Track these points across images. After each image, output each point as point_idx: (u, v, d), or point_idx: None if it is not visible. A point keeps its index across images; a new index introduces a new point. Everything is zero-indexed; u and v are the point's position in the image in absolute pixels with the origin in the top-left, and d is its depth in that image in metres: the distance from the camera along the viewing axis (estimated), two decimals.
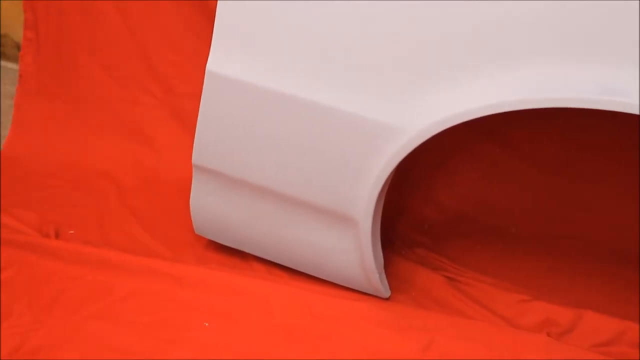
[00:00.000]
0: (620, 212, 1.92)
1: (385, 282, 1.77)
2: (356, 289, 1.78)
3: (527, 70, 1.43)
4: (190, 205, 1.81)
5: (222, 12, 1.58)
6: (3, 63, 2.55)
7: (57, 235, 1.92)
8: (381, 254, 1.75)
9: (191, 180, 1.77)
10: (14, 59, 2.47)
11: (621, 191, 1.92)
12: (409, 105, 1.51)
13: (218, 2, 1.58)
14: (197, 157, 1.72)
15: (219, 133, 1.67)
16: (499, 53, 1.44)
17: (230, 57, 1.59)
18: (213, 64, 1.61)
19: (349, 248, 1.69)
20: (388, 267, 1.81)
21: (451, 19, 1.45)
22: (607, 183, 1.92)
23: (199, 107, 1.65)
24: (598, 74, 1.40)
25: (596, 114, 1.40)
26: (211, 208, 1.79)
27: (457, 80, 1.48)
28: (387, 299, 1.79)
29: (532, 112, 1.44)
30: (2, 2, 2.38)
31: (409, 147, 1.53)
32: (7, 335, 1.64)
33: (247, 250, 1.86)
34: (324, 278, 1.80)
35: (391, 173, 1.59)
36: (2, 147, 2.22)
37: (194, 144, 1.70)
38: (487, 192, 1.98)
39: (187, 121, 2.10)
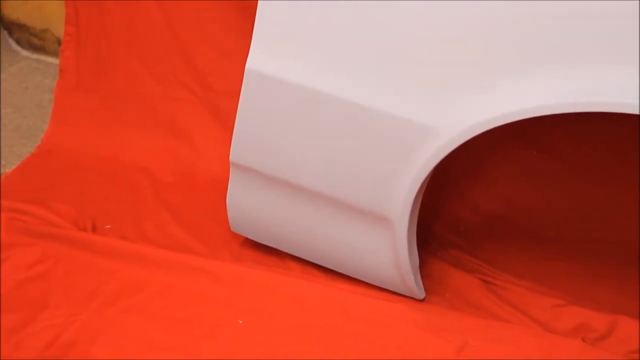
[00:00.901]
0: None
1: (420, 283, 1.77)
2: (391, 289, 1.78)
3: (569, 73, 1.42)
4: (227, 203, 1.81)
5: (263, 11, 1.58)
6: (44, 57, 2.57)
7: (93, 229, 1.94)
8: (417, 254, 1.74)
9: (228, 177, 1.78)
10: (55, 54, 2.50)
11: None
12: (448, 107, 1.50)
13: (259, 1, 1.58)
14: (234, 155, 1.72)
15: (257, 131, 1.68)
16: (539, 56, 1.44)
17: (270, 56, 1.59)
18: (253, 61, 1.61)
19: (385, 248, 1.69)
20: (423, 268, 1.81)
21: (492, 20, 1.44)
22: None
23: (237, 104, 1.65)
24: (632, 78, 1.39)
25: (635, 117, 1.40)
26: (247, 206, 1.80)
27: (495, 83, 1.47)
28: (421, 300, 1.79)
29: (568, 115, 1.43)
30: None
31: (447, 149, 1.53)
32: (43, 328, 1.66)
33: (282, 249, 1.86)
34: (359, 278, 1.80)
35: (429, 174, 1.58)
36: (41, 141, 2.24)
37: (232, 142, 1.71)
38: (523, 195, 1.97)
39: (225, 119, 2.11)
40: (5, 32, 2.63)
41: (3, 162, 2.19)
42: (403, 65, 1.52)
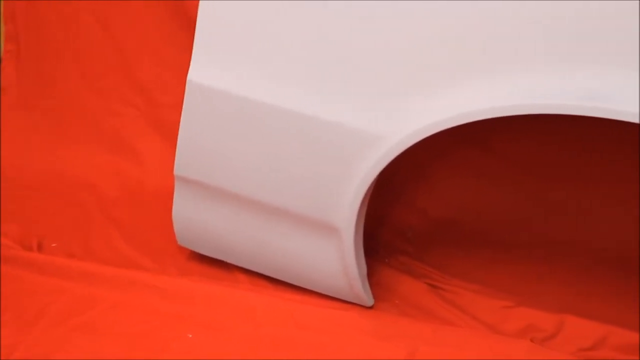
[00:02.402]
0: (603, 216, 1.93)
1: (369, 290, 1.78)
2: (340, 298, 1.78)
3: (509, 76, 1.44)
4: (173, 217, 1.81)
5: (202, 23, 1.58)
6: None
7: (40, 248, 1.92)
8: (364, 262, 1.75)
9: (174, 191, 1.77)
10: None
11: (605, 195, 1.92)
12: (389, 113, 1.51)
13: (199, 12, 1.58)
14: (179, 168, 1.72)
15: (201, 143, 1.67)
16: (478, 61, 1.45)
17: (211, 67, 1.59)
18: (194, 73, 1.61)
19: (332, 257, 1.69)
20: (371, 275, 1.81)
21: (432, 24, 1.46)
22: (590, 188, 1.93)
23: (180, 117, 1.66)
24: (583, 80, 1.41)
25: (582, 117, 1.41)
26: (194, 219, 1.79)
27: (436, 87, 1.48)
28: (370, 308, 1.79)
29: (513, 116, 1.44)
30: None
31: (390, 155, 1.54)
32: None
33: (230, 261, 1.85)
34: (307, 287, 1.79)
35: (373, 181, 1.59)
36: None
37: (176, 155, 1.70)
38: (469, 199, 1.99)
39: (169, 132, 2.10)
40: None
41: None
42: (344, 74, 1.53)
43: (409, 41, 1.48)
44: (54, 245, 1.94)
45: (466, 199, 1.99)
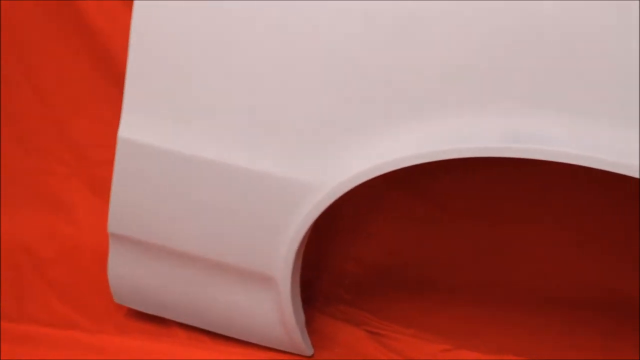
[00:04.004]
0: (538, 256, 1.96)
1: (308, 340, 1.77)
2: (279, 348, 1.77)
3: (436, 121, 1.46)
4: (108, 274, 1.79)
5: (132, 80, 1.59)
6: None
7: None
8: (302, 312, 1.75)
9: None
10: None
11: (539, 236, 1.95)
12: (320, 162, 1.53)
13: (127, 68, 1.58)
14: (112, 225, 1.71)
15: (134, 200, 1.67)
16: (407, 107, 1.48)
17: (140, 123, 1.60)
18: (124, 130, 1.62)
19: (269, 307, 1.69)
20: (310, 324, 1.81)
21: (358, 73, 1.48)
22: (525, 229, 1.96)
23: None
24: (507, 122, 1.43)
25: (509, 159, 1.43)
26: (129, 275, 1.78)
27: (366, 135, 1.50)
28: (310, 357, 1.78)
29: (449, 161, 1.46)
30: None
31: (324, 204, 1.55)
32: None
33: (168, 317, 1.83)
34: (246, 340, 1.78)
35: (308, 230, 1.60)
36: None
37: (109, 212, 1.70)
38: (404, 244, 2.00)
39: (102, 189, 2.08)
40: None
41: None
42: (271, 123, 1.54)
43: (337, 89, 1.50)
44: None
45: (401, 244, 2.00)
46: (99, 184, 2.11)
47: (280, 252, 1.61)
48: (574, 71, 1.39)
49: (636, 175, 1.38)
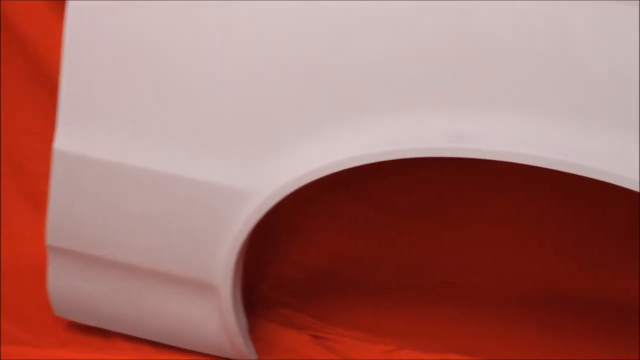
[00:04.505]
0: (481, 256, 1.98)
1: (251, 346, 1.77)
2: (223, 355, 1.76)
3: (376, 122, 1.47)
4: (48, 287, 1.77)
5: (65, 89, 1.58)
6: None
7: None
8: (244, 318, 1.75)
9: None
10: None
11: (482, 236, 1.97)
12: (258, 168, 1.53)
13: (61, 79, 1.57)
14: (50, 238, 1.70)
15: (72, 211, 1.66)
16: (343, 109, 1.48)
17: (76, 134, 1.59)
18: (60, 142, 1.60)
19: (212, 315, 1.68)
20: (253, 330, 1.81)
21: (295, 74, 1.49)
22: (467, 230, 1.98)
23: None
24: (449, 122, 1.44)
25: (454, 160, 1.45)
26: (70, 288, 1.76)
27: (303, 139, 1.50)
28: None
29: (387, 162, 1.47)
30: None
31: (262, 210, 1.55)
32: None
33: (110, 328, 1.82)
34: (190, 348, 1.77)
35: (248, 236, 1.59)
36: None
37: (47, 224, 1.68)
38: (345, 246, 2.01)
39: (40, 202, 2.06)
40: None
41: None
42: (207, 131, 1.54)
43: (271, 94, 1.50)
44: None
45: (342, 247, 2.01)
46: (37, 197, 2.09)
47: (220, 260, 1.61)
48: (518, 71, 1.40)
49: (578, 173, 1.40)
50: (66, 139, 1.60)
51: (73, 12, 1.55)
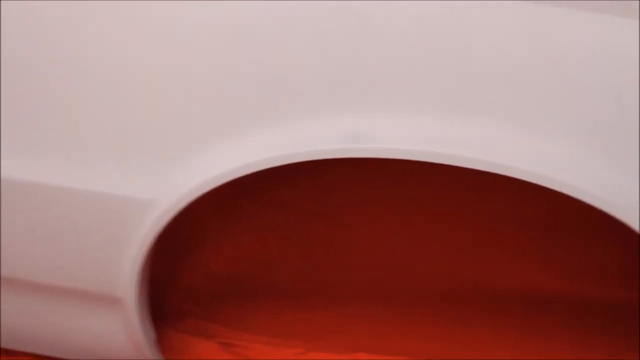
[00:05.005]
0: (385, 254, 2.00)
1: (160, 357, 1.76)
2: None
3: (273, 128, 1.48)
4: None
5: None
6: None
7: None
8: (152, 329, 1.74)
9: None
10: None
11: (385, 235, 1.99)
12: (156, 178, 1.52)
13: None
14: None
15: None
16: (241, 115, 1.49)
17: None
18: None
19: (119, 328, 1.68)
20: (162, 341, 1.80)
21: (190, 82, 1.48)
22: (369, 229, 2.00)
23: None
24: (346, 124, 1.45)
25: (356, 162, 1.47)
26: None
27: (202, 148, 1.50)
28: None
29: (290, 166, 1.48)
30: None
31: (163, 220, 1.54)
32: None
33: (18, 348, 1.80)
34: None
35: (151, 247, 1.59)
36: None
37: None
38: (251, 252, 2.00)
39: None
40: None
41: None
42: (105, 143, 1.53)
43: (166, 103, 1.49)
44: None
45: (246, 251, 2.00)
46: None
47: (125, 272, 1.60)
48: (411, 71, 1.42)
49: (473, 167, 1.43)
50: None
51: None
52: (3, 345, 1.79)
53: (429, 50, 1.41)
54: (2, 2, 1.46)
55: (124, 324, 1.66)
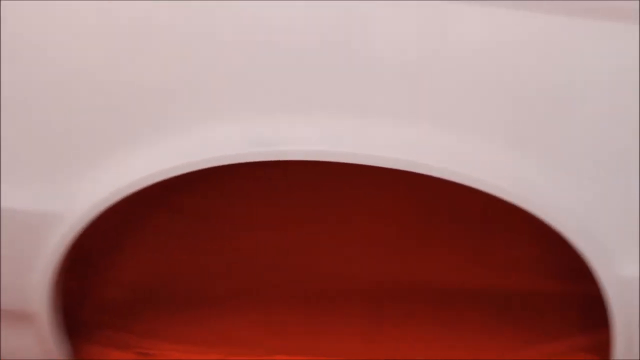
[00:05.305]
0: (303, 256, 2.00)
1: None
2: None
3: (178, 135, 1.47)
4: None
5: None
6: None
7: None
8: (67, 343, 1.73)
9: None
10: None
11: (302, 236, 2.00)
12: (61, 190, 1.51)
13: None
14: None
15: None
16: (144, 124, 1.48)
17: None
18: None
19: (32, 344, 1.66)
20: (79, 355, 1.79)
21: (91, 90, 1.45)
22: (283, 232, 2.01)
23: None
24: (251, 128, 1.46)
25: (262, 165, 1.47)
26: None
27: (108, 158, 1.49)
28: None
29: (201, 172, 1.48)
30: None
31: (71, 233, 1.53)
32: None
33: None
34: None
35: (61, 261, 1.57)
36: None
37: None
38: (163, 259, 1.99)
39: None
40: None
41: None
42: (9, 157, 1.50)
43: (69, 113, 1.47)
44: None
45: (160, 260, 1.99)
46: None
47: (35, 287, 1.58)
48: (317, 71, 1.42)
49: (377, 165, 1.45)
50: None
51: None
52: None
53: (328, 51, 1.41)
54: None
55: (38, 340, 1.64)
